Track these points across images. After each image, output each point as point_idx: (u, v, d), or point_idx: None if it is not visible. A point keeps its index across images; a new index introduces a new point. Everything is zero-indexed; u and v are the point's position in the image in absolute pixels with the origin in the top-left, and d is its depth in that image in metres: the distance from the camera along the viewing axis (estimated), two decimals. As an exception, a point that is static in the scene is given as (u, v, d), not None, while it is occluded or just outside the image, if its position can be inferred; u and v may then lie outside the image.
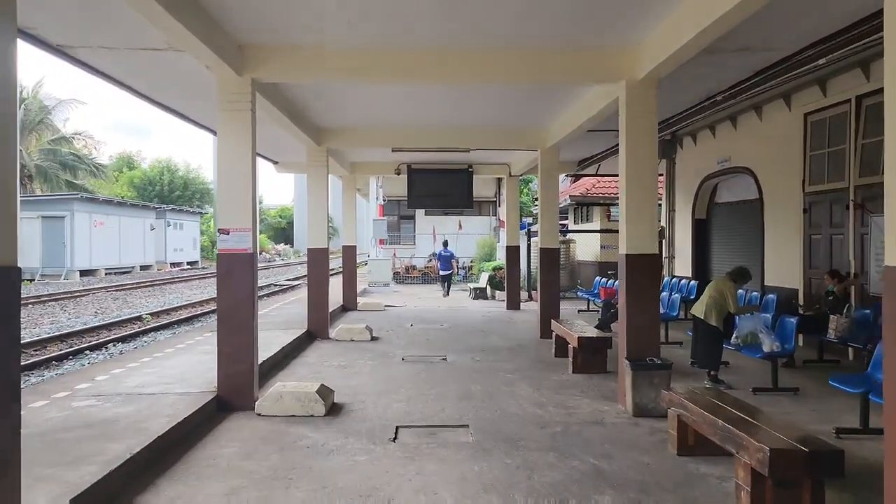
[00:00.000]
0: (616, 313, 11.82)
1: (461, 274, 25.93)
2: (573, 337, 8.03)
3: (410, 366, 8.59)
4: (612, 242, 18.62)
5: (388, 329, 12.15)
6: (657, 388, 5.97)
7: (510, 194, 15.88)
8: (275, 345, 9.10)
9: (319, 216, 10.98)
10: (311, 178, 11.01)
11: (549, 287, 11.07)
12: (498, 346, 10.31)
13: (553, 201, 11.14)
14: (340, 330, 10.84)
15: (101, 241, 30.39)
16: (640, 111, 6.30)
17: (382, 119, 10.34)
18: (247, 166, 6.24)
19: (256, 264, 6.39)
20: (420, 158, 14.85)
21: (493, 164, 15.72)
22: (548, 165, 11.10)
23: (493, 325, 12.93)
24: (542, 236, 11.05)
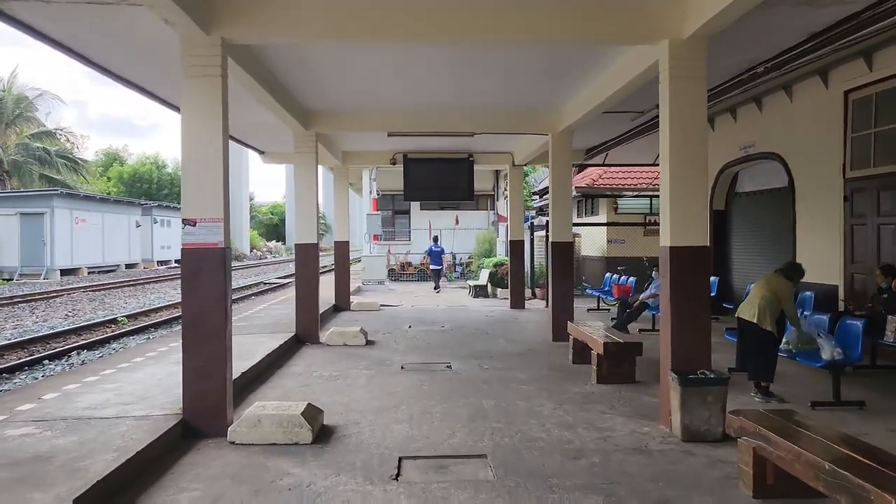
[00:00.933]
0: (633, 313, 10.89)
1: (458, 270, 24.93)
2: (597, 343, 7.03)
3: (411, 376, 7.57)
4: (619, 236, 17.67)
5: (385, 332, 11.12)
6: (712, 408, 4.98)
7: (514, 185, 14.87)
8: (258, 352, 8.06)
9: (308, 209, 9.93)
10: (298, 166, 9.96)
11: (563, 285, 10.07)
12: (506, 350, 9.31)
13: (565, 191, 10.13)
14: (332, 333, 9.81)
15: (84, 238, 29.19)
16: (687, 75, 5.29)
17: (377, 100, 9.30)
18: (216, 144, 5.19)
19: (229, 261, 5.35)
20: (417, 146, 13.80)
21: (494, 153, 14.70)
22: (559, 151, 10.09)
23: (498, 326, 11.93)
24: (555, 229, 10.05)
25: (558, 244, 10.04)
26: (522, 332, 11.20)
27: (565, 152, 10.13)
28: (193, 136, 5.19)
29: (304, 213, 9.95)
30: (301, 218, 9.96)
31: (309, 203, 9.95)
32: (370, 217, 21.19)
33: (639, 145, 14.18)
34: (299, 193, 9.96)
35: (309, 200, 9.94)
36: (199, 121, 5.18)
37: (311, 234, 9.93)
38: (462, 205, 26.05)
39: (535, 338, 10.41)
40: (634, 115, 10.24)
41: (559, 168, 10.10)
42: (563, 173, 10.12)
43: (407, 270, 24.34)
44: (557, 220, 10.04)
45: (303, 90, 8.64)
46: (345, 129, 10.32)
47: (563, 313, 9.98)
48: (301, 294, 9.93)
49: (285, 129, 9.98)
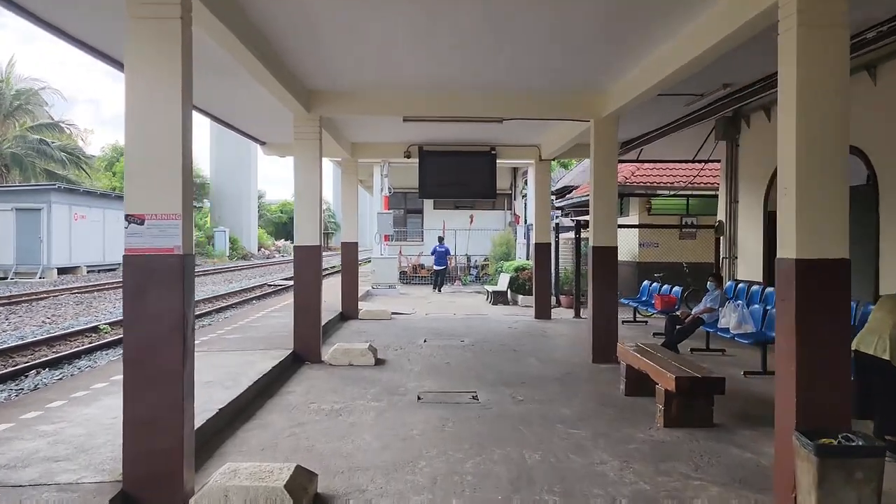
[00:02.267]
0: (685, 331, 9.41)
1: (473, 273, 23.52)
2: (665, 376, 5.58)
3: (430, 411, 6.15)
4: (652, 239, 16.17)
5: (397, 347, 9.71)
6: (862, 489, 3.52)
7: (540, 181, 13.42)
8: (244, 378, 6.67)
9: (310, 206, 8.55)
10: (299, 155, 8.58)
11: (606, 297, 8.61)
12: (541, 373, 7.87)
13: (610, 188, 8.67)
14: (336, 351, 8.41)
15: (83, 235, 28.01)
16: (823, 22, 3.82)
17: (391, 78, 7.90)
18: (173, 113, 3.80)
19: (191, 273, 3.95)
20: (434, 138, 12.41)
21: (519, 147, 13.26)
22: (603, 141, 8.63)
23: (525, 341, 10.48)
24: (596, 232, 8.60)
25: (601, 249, 8.58)
26: (555, 349, 9.75)
27: (610, 142, 8.67)
28: (141, 101, 3.80)
29: (306, 210, 8.56)
30: (303, 216, 8.57)
31: (311, 199, 8.56)
32: (381, 216, 19.79)
33: (677, 139, 12.71)
34: (300, 188, 8.57)
35: (311, 196, 8.56)
36: (148, 80, 3.79)
37: (313, 234, 8.54)
38: (478, 204, 24.67)
39: (572, 357, 8.96)
40: (692, 98, 8.77)
41: (603, 161, 8.64)
42: (606, 167, 8.66)
43: (419, 273, 22.96)
44: (600, 222, 8.58)
45: (304, 63, 7.25)
46: (353, 113, 8.92)
47: (606, 330, 8.53)
48: (301, 305, 8.53)
49: (287, 116, 8.61)
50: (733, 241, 12.94)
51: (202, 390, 6.07)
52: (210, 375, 6.75)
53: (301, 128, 8.52)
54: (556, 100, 8.63)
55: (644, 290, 12.65)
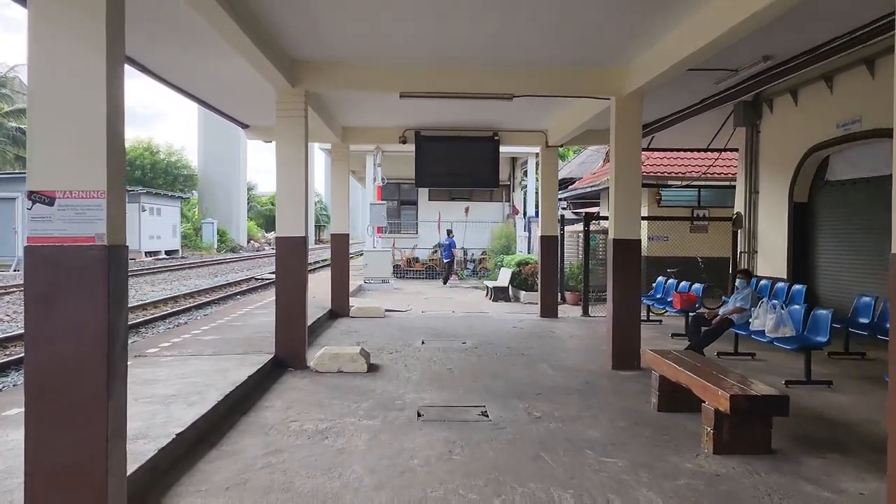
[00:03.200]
0: (713, 333, 8.49)
1: (470, 267, 22.57)
2: (718, 395, 4.64)
3: (433, 432, 5.20)
4: (662, 232, 15.24)
5: (392, 350, 8.76)
6: None
7: (546, 170, 12.45)
8: (213, 391, 5.70)
9: (294, 192, 7.55)
10: (282, 135, 7.58)
11: (627, 296, 7.67)
12: (557, 383, 6.94)
13: (633, 174, 7.72)
14: (324, 356, 7.44)
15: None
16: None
17: (387, 48, 6.93)
18: (94, 58, 2.80)
19: (123, 269, 2.97)
20: (433, 121, 11.43)
21: (524, 132, 12.29)
22: (626, 121, 7.69)
23: (534, 342, 9.55)
24: (618, 224, 7.65)
25: (623, 243, 7.64)
26: (567, 352, 8.82)
27: (633, 123, 7.72)
28: (48, 41, 2.80)
29: (290, 196, 7.57)
30: (286, 203, 7.57)
31: (296, 184, 7.56)
32: (374, 207, 18.81)
33: (690, 126, 11.79)
34: (283, 172, 7.57)
35: (296, 181, 7.56)
36: (56, 24, 2.79)
37: (297, 224, 7.55)
38: (474, 195, 23.73)
39: (588, 363, 8.03)
40: (725, 74, 7.83)
41: (625, 144, 7.69)
42: (629, 151, 7.71)
43: (414, 267, 21.99)
44: (622, 212, 7.63)
45: (288, 28, 6.26)
46: (344, 87, 7.91)
47: (628, 333, 7.60)
48: (284, 304, 7.55)
49: (272, 95, 7.61)
50: (753, 234, 12.05)
51: (161, 408, 5.10)
52: (173, 388, 5.77)
53: (284, 104, 7.52)
54: (573, 74, 7.67)
55: (659, 287, 11.72)
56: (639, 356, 7.62)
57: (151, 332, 11.32)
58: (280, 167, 7.54)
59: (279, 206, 7.57)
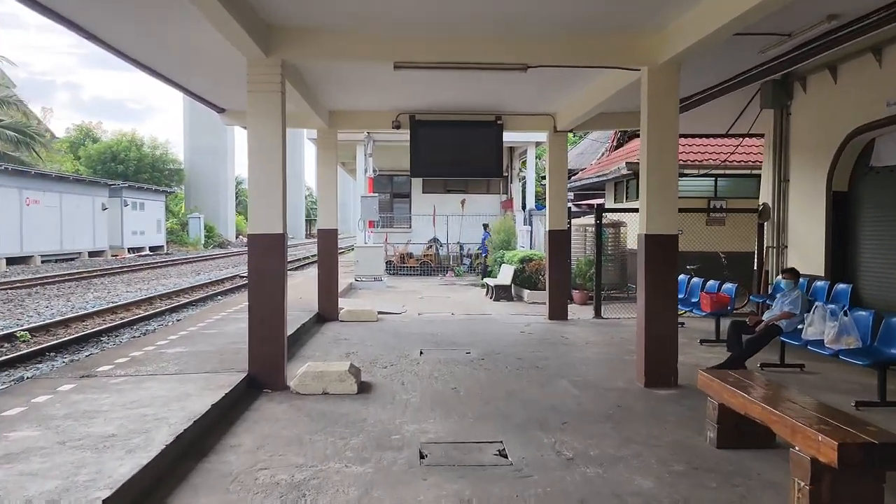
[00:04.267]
0: (757, 342, 7.40)
1: (466, 263, 21.44)
2: (820, 442, 3.52)
3: (441, 484, 4.06)
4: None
5: (386, 362, 7.62)
6: None
7: (555, 157, 11.31)
8: (163, 428, 4.54)
9: (269, 180, 6.37)
10: (254, 113, 6.38)
11: (662, 301, 6.55)
12: (584, 406, 5.83)
13: (668, 159, 6.58)
14: (306, 375, 6.29)
15: (36, 222, 25.51)
16: None
17: (378, 9, 5.77)
18: None
19: None
20: (429, 104, 10.29)
21: (530, 116, 11.13)
22: (660, 96, 6.55)
23: (546, 351, 8.43)
24: (651, 215, 6.54)
25: (657, 239, 6.53)
26: (586, 363, 7.70)
27: (669, 97, 6.57)
28: None
29: (264, 187, 6.39)
30: (259, 195, 6.39)
31: (270, 172, 6.38)
32: (365, 200, 17.65)
33: (709, 109, 10.72)
34: (256, 157, 6.39)
35: (270, 168, 6.38)
36: None
37: (273, 219, 6.38)
38: (471, 187, 22.60)
39: (613, 377, 6.93)
40: (776, 40, 6.70)
41: (659, 123, 6.55)
42: (665, 131, 6.57)
43: (407, 263, 20.82)
44: (656, 203, 6.51)
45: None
46: (327, 56, 6.72)
47: (663, 344, 6.50)
48: (258, 313, 6.39)
49: (246, 70, 6.44)
50: (782, 227, 10.96)
51: (91, 456, 3.97)
52: (115, 424, 4.61)
53: (257, 76, 6.33)
54: (599, 41, 6.54)
55: (681, 286, 10.59)
56: (675, 371, 6.53)
57: (113, 341, 10.11)
58: (252, 152, 6.36)
59: (251, 199, 6.39)
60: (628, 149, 16.31)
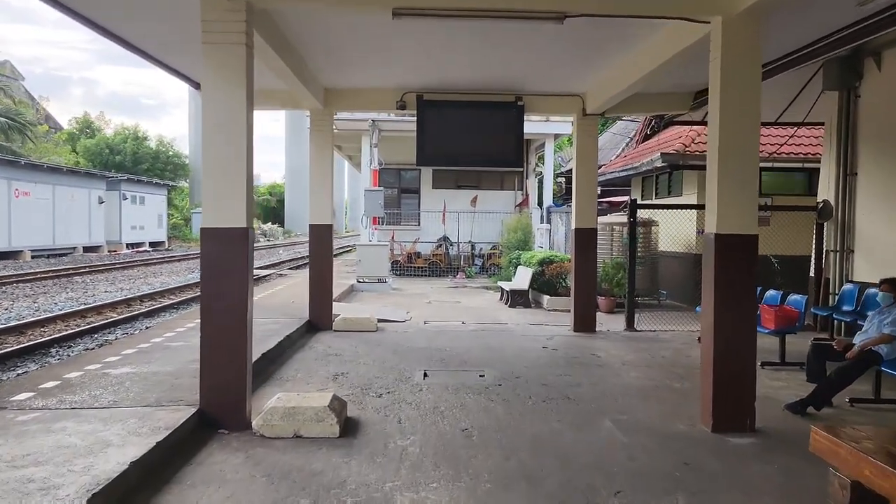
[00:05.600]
0: (848, 372, 5.84)
1: (477, 264, 19.97)
2: None
3: None
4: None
5: (382, 388, 6.18)
6: None
7: (583, 144, 9.81)
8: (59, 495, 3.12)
9: (230, 158, 4.93)
10: (211, 72, 4.94)
11: (738, 321, 5.05)
12: (638, 463, 4.35)
13: (748, 137, 5.08)
14: (274, 412, 4.85)
15: (27, 215, 24.30)
16: None
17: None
18: None
19: None
20: (439, 81, 8.88)
21: (554, 97, 9.66)
22: (738, 54, 5.05)
23: (576, 374, 6.95)
24: (723, 211, 5.05)
25: (731, 240, 5.03)
26: (629, 393, 6.21)
27: (748, 58, 5.07)
28: None
29: (222, 167, 4.95)
30: (216, 178, 4.95)
31: (231, 148, 4.94)
32: (369, 194, 16.21)
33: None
34: (212, 129, 4.95)
35: (231, 144, 4.94)
36: None
37: (235, 209, 4.94)
38: (483, 182, 21.12)
39: (669, 416, 5.44)
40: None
41: (736, 93, 5.05)
42: (742, 103, 5.06)
43: (415, 263, 19.38)
44: (729, 195, 5.02)
45: None
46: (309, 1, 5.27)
47: (737, 375, 5.00)
48: (213, 331, 4.95)
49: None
50: (847, 227, 9.42)
51: None
52: (-24, 501, 3.20)
53: (215, 22, 4.89)
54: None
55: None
56: (753, 412, 5.04)
57: (62, 355, 8.68)
58: (208, 124, 4.93)
59: (205, 183, 4.95)
60: (661, 139, 14.76)
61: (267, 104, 9.54)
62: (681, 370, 7.25)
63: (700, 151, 12.39)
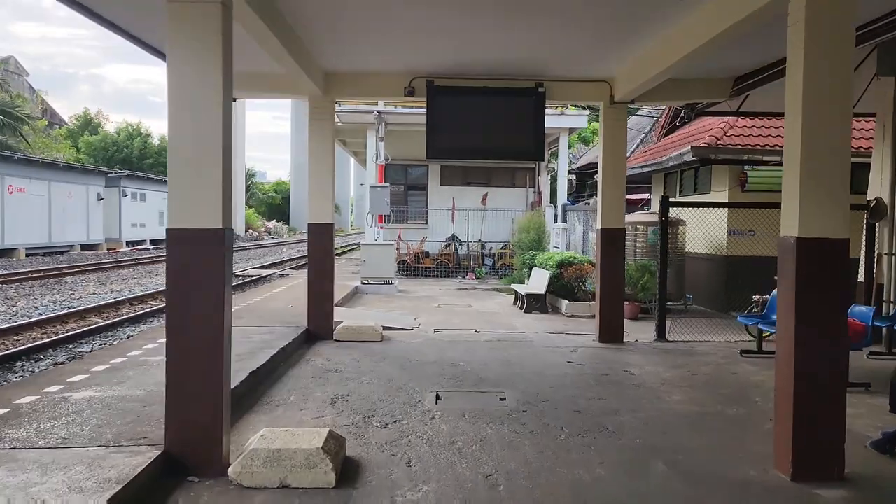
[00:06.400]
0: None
1: (488, 264, 19.07)
2: None
3: None
4: (746, 225, 11.61)
5: (386, 417, 5.27)
6: None
7: (610, 134, 8.88)
8: None
9: (203, 140, 4.03)
10: (178, 34, 4.04)
11: (822, 335, 4.12)
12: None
13: (842, 120, 4.13)
14: (255, 455, 3.95)
15: (21, 212, 23.53)
16: None
17: None
18: None
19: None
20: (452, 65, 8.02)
21: (579, 82, 8.74)
22: (833, 15, 4.09)
23: (611, 396, 6.03)
24: (807, 211, 4.10)
25: (818, 244, 4.09)
26: (677, 423, 5.28)
27: (840, 19, 4.13)
28: None
29: (192, 151, 4.05)
30: (183, 168, 4.05)
31: (205, 127, 4.03)
32: (374, 190, 15.33)
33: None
34: (178, 108, 4.04)
35: (205, 119, 4.03)
36: None
37: (209, 207, 4.03)
38: (493, 179, 20.21)
39: (728, 453, 4.52)
40: None
41: (826, 66, 4.10)
42: (834, 77, 4.12)
43: (423, 263, 18.49)
44: (815, 193, 4.09)
45: None
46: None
47: (826, 411, 4.07)
48: (180, 356, 4.06)
49: None
50: (903, 228, 8.47)
51: None
52: None
53: (185, -21, 3.99)
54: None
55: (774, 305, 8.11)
56: (841, 455, 4.11)
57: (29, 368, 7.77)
58: (174, 97, 4.03)
59: (171, 175, 4.05)
60: (685, 133, 13.80)
61: (259, 90, 8.69)
62: (728, 391, 6.33)
63: (733, 144, 11.43)
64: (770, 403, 5.79)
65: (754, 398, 6.10)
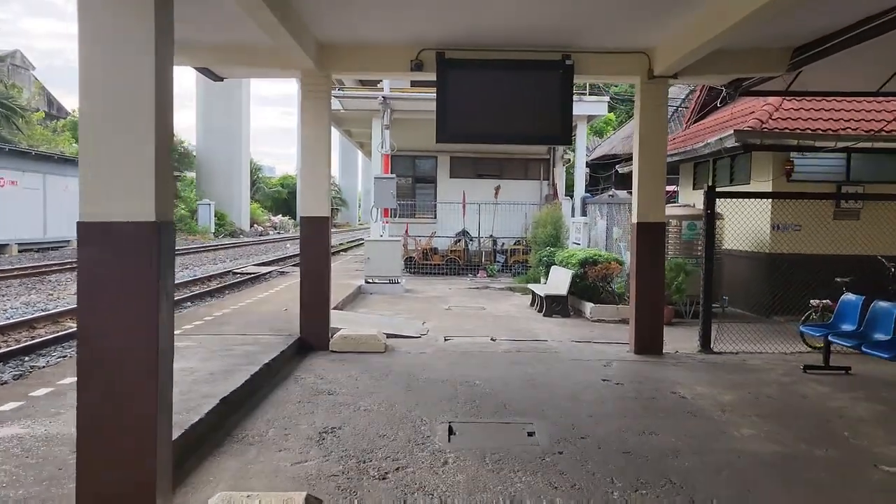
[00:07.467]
0: None
1: (500, 261, 17.90)
2: None
3: None
4: (792, 219, 10.40)
5: (387, 462, 4.15)
6: None
7: (649, 116, 7.70)
8: None
9: (126, 80, 2.91)
10: None
11: None
12: None
13: None
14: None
15: (14, 206, 22.56)
16: None
17: None
18: None
19: None
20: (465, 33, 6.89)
21: (612, 54, 7.57)
22: None
23: (665, 430, 4.88)
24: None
25: None
26: (759, 474, 4.13)
27: None
28: None
29: (111, 109, 2.93)
30: (97, 132, 2.93)
31: (126, 65, 2.91)
32: (379, 182, 14.20)
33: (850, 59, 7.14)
34: (90, 33, 2.92)
35: (124, 57, 2.91)
36: None
37: (139, 192, 2.91)
38: (506, 171, 19.04)
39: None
40: None
41: None
42: None
43: (432, 259, 17.34)
44: None
45: None
46: None
47: None
48: (97, 402, 2.95)
49: None
50: None
51: None
52: None
53: None
54: None
55: (849, 311, 6.91)
56: None
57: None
58: (86, 31, 2.91)
59: (82, 145, 2.93)
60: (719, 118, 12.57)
61: (245, 65, 7.55)
62: (806, 422, 5.18)
63: (780, 129, 10.19)
64: (865, 440, 4.68)
65: (842, 432, 4.95)
